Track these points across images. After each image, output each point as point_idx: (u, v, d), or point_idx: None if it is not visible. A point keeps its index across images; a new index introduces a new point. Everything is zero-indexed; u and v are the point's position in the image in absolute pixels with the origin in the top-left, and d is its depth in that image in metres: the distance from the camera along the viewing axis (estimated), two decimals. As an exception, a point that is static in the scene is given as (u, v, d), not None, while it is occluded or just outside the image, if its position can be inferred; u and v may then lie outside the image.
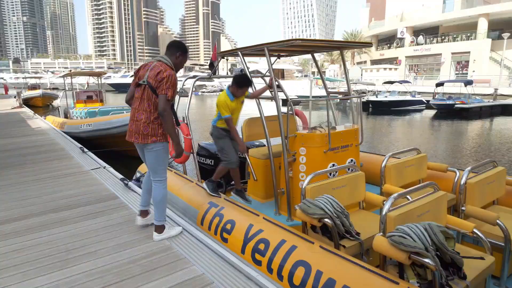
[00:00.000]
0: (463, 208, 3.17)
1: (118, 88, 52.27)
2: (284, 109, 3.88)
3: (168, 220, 3.51)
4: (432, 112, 23.07)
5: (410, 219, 2.49)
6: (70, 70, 15.34)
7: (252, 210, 3.26)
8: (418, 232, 2.17)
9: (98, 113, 10.61)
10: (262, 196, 4.56)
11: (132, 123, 2.98)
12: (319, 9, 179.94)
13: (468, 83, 22.43)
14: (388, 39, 50.83)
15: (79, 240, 3.21)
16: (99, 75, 13.48)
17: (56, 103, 23.32)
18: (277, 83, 6.75)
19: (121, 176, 5.12)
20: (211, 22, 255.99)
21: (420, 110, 24.83)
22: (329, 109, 4.02)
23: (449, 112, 21.27)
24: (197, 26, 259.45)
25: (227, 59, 5.66)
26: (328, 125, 3.83)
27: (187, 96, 4.97)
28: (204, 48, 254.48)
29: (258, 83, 4.43)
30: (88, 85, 15.73)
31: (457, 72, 40.19)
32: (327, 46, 4.07)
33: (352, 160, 4.11)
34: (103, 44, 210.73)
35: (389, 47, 49.14)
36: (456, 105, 20.90)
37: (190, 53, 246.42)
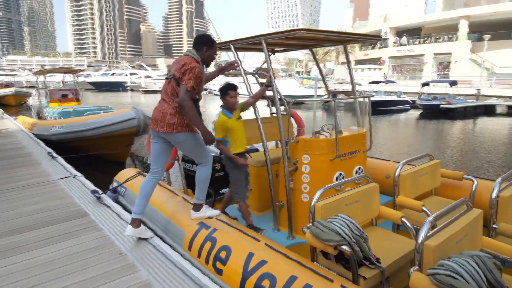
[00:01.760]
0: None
1: (99, 86, 50.69)
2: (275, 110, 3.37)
3: (149, 248, 2.94)
4: (417, 112, 23.05)
5: (450, 248, 2.01)
6: (43, 67, 14.39)
7: (251, 233, 2.71)
8: (471, 270, 1.68)
9: (72, 113, 9.82)
10: (257, 208, 4.03)
11: (157, 113, 2.97)
12: (303, 9, 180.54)
13: (453, 83, 22.51)
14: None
15: (38, 274, 2.59)
16: (75, 72, 12.62)
17: (29, 102, 22.11)
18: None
19: (92, 187, 4.49)
20: (195, 21, 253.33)
21: (405, 110, 24.81)
22: (335, 111, 3.53)
23: (435, 112, 21.27)
24: (180, 24, 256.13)
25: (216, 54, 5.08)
26: (336, 129, 3.34)
27: None
28: (188, 46, 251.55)
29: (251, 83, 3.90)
30: (63, 83, 14.80)
31: (439, 72, 40.67)
32: (332, 39, 3.57)
33: (360, 168, 3.62)
34: (83, 41, 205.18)
35: (373, 48, 49.37)
36: (442, 106, 20.91)
37: (173, 51, 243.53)
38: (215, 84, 34.47)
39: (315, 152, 3.27)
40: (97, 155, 8.51)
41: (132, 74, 51.93)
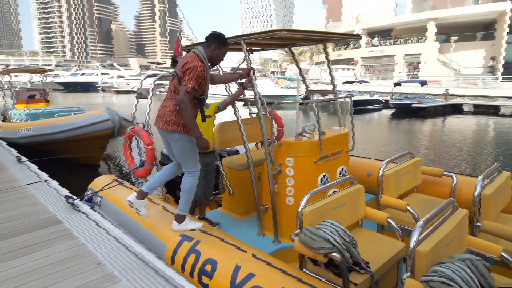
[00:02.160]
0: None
1: (68, 87, 48.85)
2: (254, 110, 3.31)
3: (129, 257, 2.79)
4: (389, 112, 23.64)
5: (441, 252, 2.00)
6: (8, 66, 13.66)
7: (237, 243, 2.60)
8: (465, 276, 1.67)
9: (41, 115, 9.35)
10: (240, 212, 3.94)
11: (160, 108, 2.94)
12: (277, 9, 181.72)
13: (424, 83, 23.25)
14: (336, 42, 52.00)
15: (4, 290, 2.40)
16: (42, 72, 12.05)
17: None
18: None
19: (66, 193, 4.25)
20: (168, 20, 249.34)
21: (378, 110, 25.40)
22: (316, 112, 3.49)
23: (407, 111, 21.88)
24: (153, 23, 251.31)
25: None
26: (319, 131, 3.29)
27: (147, 98, 4.20)
28: (161, 46, 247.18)
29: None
30: (30, 83, 14.10)
31: (409, 73, 41.97)
32: (313, 38, 3.54)
33: (343, 169, 3.61)
34: (51, 40, 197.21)
35: (346, 48, 50.32)
36: (413, 105, 21.54)
37: (146, 51, 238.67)
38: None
39: (299, 155, 3.22)
40: (69, 159, 8.13)
41: (103, 74, 50.41)
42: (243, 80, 3.49)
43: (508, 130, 16.69)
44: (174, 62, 4.57)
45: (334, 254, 2.13)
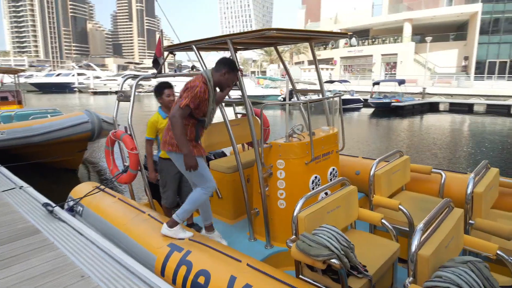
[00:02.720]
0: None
1: (43, 88, 47.17)
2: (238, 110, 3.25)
3: (116, 268, 2.64)
4: (369, 110, 24.02)
5: (442, 254, 1.97)
6: (-22, 67, 13.02)
7: (230, 252, 2.49)
8: (470, 280, 1.64)
9: (14, 118, 8.92)
10: (230, 217, 3.83)
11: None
12: (256, 10, 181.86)
13: (401, 82, 23.75)
14: (322, 42, 52.63)
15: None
16: (15, 72, 11.52)
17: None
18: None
19: (44, 200, 4.03)
20: (146, 20, 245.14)
21: (358, 109, 25.75)
22: (306, 112, 3.43)
23: (386, 110, 22.29)
24: (130, 23, 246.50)
25: (174, 55, 4.77)
26: (310, 132, 3.24)
27: (129, 101, 4.03)
28: (139, 46, 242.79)
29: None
30: (2, 84, 13.48)
31: (386, 72, 42.83)
32: (301, 37, 3.48)
33: (334, 169, 3.57)
34: (23, 39, 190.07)
35: (325, 48, 50.85)
36: (392, 104, 21.96)
37: (123, 51, 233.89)
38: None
39: (290, 157, 3.15)
40: (46, 163, 7.78)
41: (79, 74, 48.92)
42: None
43: (482, 127, 17.26)
44: (155, 62, 4.43)
45: (333, 260, 2.07)
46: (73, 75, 48.61)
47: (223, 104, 3.71)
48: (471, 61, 37.30)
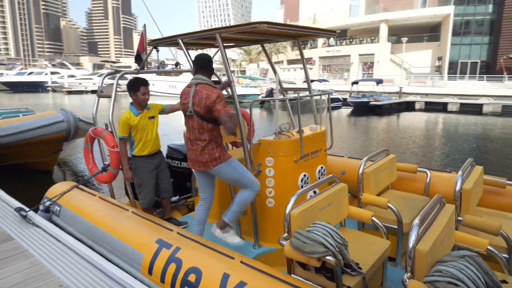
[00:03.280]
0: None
1: (14, 87, 45.21)
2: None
3: (96, 275, 2.49)
4: (348, 109, 24.37)
5: (437, 250, 1.94)
6: None
7: (222, 249, 2.39)
8: (471, 274, 1.61)
9: (-17, 118, 8.44)
10: (215, 216, 3.73)
11: (190, 152, 2.96)
12: (235, 9, 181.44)
13: (379, 82, 24.20)
14: (303, 40, 53.05)
15: None
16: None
17: None
18: (217, 79, 5.93)
19: (17, 204, 3.79)
20: (122, 17, 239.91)
21: (337, 108, 26.06)
22: (298, 110, 3.37)
23: (365, 109, 22.66)
24: (106, 20, 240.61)
25: (157, 50, 4.62)
26: (300, 129, 3.18)
27: (110, 97, 3.86)
28: (115, 44, 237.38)
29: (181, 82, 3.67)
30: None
31: (364, 72, 43.64)
32: (289, 33, 3.42)
33: (322, 168, 3.52)
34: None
35: (304, 48, 51.32)
36: (370, 103, 22.35)
37: (99, 49, 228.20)
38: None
39: (279, 154, 3.08)
40: (18, 165, 7.40)
41: (53, 73, 47.20)
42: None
43: (457, 126, 17.82)
44: (138, 58, 4.26)
45: (328, 257, 2.00)
46: (46, 74, 46.84)
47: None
48: (444, 62, 38.56)
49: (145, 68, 4.13)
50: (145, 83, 3.42)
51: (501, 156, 10.65)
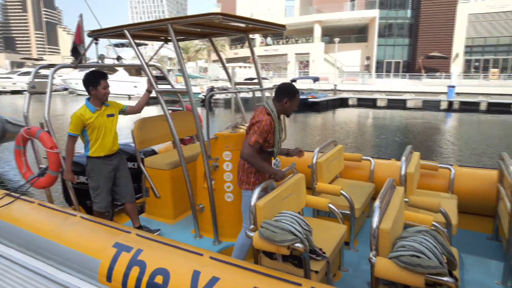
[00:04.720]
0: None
1: None
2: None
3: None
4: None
5: (396, 228, 2.09)
6: None
7: (188, 247, 2.28)
8: (430, 246, 1.75)
9: None
10: (169, 216, 3.59)
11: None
12: (170, 6, 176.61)
13: (316, 80, 25.34)
14: (240, 39, 53.37)
15: None
16: None
17: None
18: (161, 74, 5.71)
19: None
20: (44, 11, 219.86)
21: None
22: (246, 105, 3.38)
23: (303, 105, 23.53)
24: (25, 14, 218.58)
25: (96, 43, 4.29)
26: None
27: (44, 93, 3.51)
28: (37, 40, 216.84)
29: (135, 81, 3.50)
30: None
31: (300, 70, 45.31)
32: (238, 28, 3.41)
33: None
34: None
35: (242, 47, 51.71)
36: (309, 100, 23.28)
37: (18, 45, 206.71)
38: (78, 83, 30.58)
39: (237, 148, 3.05)
40: None
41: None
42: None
43: (384, 119, 19.35)
44: (75, 51, 3.93)
45: (297, 244, 2.04)
46: None
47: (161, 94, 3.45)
48: (372, 61, 41.57)
49: (83, 62, 3.83)
50: (105, 76, 3.18)
51: (424, 142, 11.82)
